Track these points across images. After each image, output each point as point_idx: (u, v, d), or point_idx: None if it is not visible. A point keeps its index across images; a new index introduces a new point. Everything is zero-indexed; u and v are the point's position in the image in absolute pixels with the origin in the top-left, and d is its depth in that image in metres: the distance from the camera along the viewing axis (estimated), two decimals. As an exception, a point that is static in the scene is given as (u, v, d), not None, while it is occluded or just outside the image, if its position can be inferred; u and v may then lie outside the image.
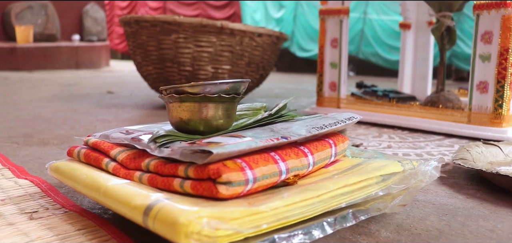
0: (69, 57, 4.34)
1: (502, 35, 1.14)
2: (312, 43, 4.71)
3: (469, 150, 0.88)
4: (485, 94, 1.18)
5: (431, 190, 0.74)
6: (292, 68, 4.85)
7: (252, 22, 5.53)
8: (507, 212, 0.64)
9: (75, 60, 4.38)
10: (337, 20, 1.50)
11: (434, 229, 0.57)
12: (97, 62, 4.61)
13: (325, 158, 0.60)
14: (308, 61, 4.76)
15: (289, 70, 4.71)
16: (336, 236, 0.54)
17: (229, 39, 1.53)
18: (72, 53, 4.38)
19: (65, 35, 4.92)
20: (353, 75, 4.19)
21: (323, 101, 1.55)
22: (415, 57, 1.85)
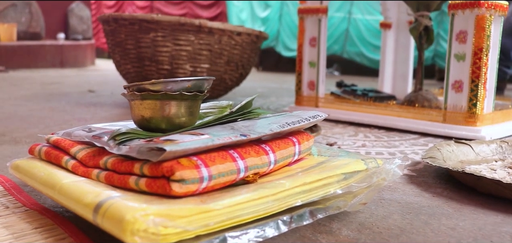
0: (54, 56, 4.32)
1: (476, 34, 1.14)
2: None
3: (440, 149, 0.88)
4: (460, 94, 1.18)
5: (398, 189, 0.74)
6: (278, 68, 4.84)
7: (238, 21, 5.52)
8: (471, 210, 0.64)
9: (59, 59, 4.35)
10: (316, 19, 1.50)
11: (396, 228, 0.57)
12: (82, 61, 4.58)
13: (288, 156, 0.60)
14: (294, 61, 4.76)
15: (274, 69, 4.71)
16: (296, 234, 0.54)
17: (207, 38, 1.52)
18: (56, 52, 4.35)
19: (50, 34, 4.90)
20: (338, 75, 4.20)
21: (302, 100, 1.55)
22: (396, 57, 1.85)
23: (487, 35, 1.13)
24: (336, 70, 4.35)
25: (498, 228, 0.58)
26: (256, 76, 3.85)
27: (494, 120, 1.21)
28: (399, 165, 0.62)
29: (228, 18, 5.79)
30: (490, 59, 1.17)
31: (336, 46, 4.18)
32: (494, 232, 0.56)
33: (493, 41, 1.17)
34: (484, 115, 1.17)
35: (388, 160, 0.63)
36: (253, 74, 4.15)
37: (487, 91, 1.17)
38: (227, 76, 1.62)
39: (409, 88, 1.80)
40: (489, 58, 1.15)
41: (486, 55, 1.14)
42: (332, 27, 4.28)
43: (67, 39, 4.92)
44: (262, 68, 4.88)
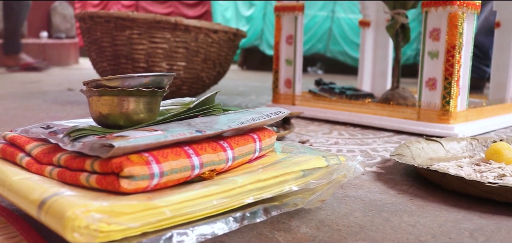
0: (36, 54, 4.27)
1: (449, 32, 1.14)
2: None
3: (409, 146, 0.88)
4: (433, 91, 1.18)
5: (364, 186, 0.73)
6: (262, 67, 4.83)
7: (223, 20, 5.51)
8: (434, 207, 0.64)
9: (42, 57, 4.31)
10: (292, 17, 1.49)
11: (355, 225, 0.56)
12: (65, 60, 4.55)
13: (247, 152, 0.59)
14: (278, 60, 4.77)
15: (259, 68, 4.70)
16: (253, 232, 0.53)
17: (184, 36, 1.51)
18: (39, 50, 4.31)
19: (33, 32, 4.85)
20: (322, 74, 4.20)
21: (279, 98, 1.54)
22: (375, 55, 1.85)
23: (460, 33, 1.13)
24: (320, 69, 4.36)
25: (458, 224, 0.57)
26: (239, 75, 3.85)
27: (468, 118, 1.21)
28: (360, 161, 0.61)
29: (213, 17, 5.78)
30: (463, 57, 1.16)
31: (319, 45, 4.19)
32: (454, 228, 0.56)
33: (466, 39, 1.16)
34: (458, 113, 1.17)
35: (350, 157, 0.63)
36: (237, 73, 4.15)
37: (460, 89, 1.17)
38: (204, 74, 1.61)
39: (388, 87, 1.80)
40: (462, 56, 1.15)
41: (459, 53, 1.14)
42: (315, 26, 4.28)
43: (50, 38, 4.87)
44: (247, 67, 4.87)
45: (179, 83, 1.57)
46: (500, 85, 1.58)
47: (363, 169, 0.61)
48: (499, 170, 0.73)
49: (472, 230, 0.55)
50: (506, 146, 0.77)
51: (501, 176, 0.71)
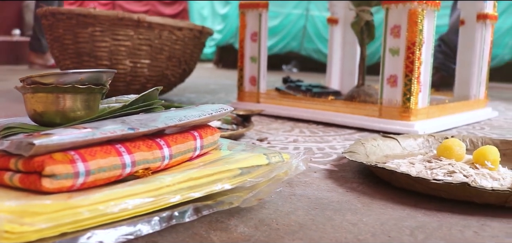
0: (8, 52, 4.22)
1: (409, 29, 1.14)
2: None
3: (364, 144, 0.87)
4: (394, 88, 1.18)
5: (313, 184, 0.72)
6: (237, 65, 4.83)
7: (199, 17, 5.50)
8: (380, 205, 0.63)
9: (14, 55, 4.25)
10: (256, 14, 1.48)
11: (296, 224, 0.55)
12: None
13: (187, 150, 0.58)
14: (253, 58, 4.75)
15: (234, 66, 4.67)
16: (189, 231, 0.52)
17: (147, 33, 1.49)
18: (10, 48, 4.25)
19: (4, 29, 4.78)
20: (296, 72, 4.19)
21: (244, 96, 1.53)
22: (343, 53, 1.85)
23: (420, 30, 1.13)
24: (295, 67, 4.35)
25: (401, 222, 0.57)
26: (213, 73, 3.83)
27: (429, 115, 1.21)
28: (303, 159, 0.60)
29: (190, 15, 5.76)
30: (424, 53, 1.16)
31: (293, 43, 4.19)
32: (395, 226, 0.55)
33: (427, 35, 1.16)
34: (418, 110, 1.17)
35: (294, 154, 0.62)
36: (211, 71, 4.13)
37: (421, 86, 1.17)
38: (169, 72, 1.59)
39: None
40: (422, 53, 1.15)
41: (419, 50, 1.14)
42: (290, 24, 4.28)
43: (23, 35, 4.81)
44: (222, 65, 4.86)
45: (144, 81, 1.56)
46: (464, 82, 1.58)
47: (305, 166, 0.60)
48: (449, 167, 0.72)
49: (414, 228, 0.55)
50: (457, 142, 0.76)
51: (450, 172, 0.71)
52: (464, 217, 0.59)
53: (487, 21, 1.53)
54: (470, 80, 1.56)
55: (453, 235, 0.53)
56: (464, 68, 1.58)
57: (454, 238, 0.52)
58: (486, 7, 1.52)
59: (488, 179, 0.69)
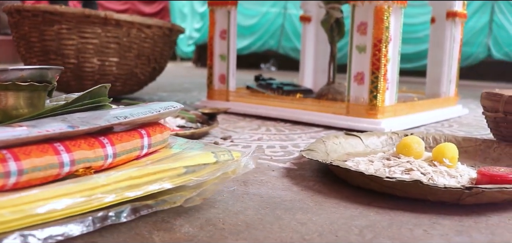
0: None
1: (376, 26, 1.13)
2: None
3: (325, 142, 0.86)
4: (361, 86, 1.17)
5: (269, 182, 0.71)
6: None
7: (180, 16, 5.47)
8: (333, 204, 0.62)
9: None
10: (225, 11, 1.47)
11: (243, 224, 0.54)
12: (13, 56, 4.43)
13: (132, 149, 0.56)
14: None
15: (212, 65, 4.66)
16: (132, 232, 0.50)
17: (115, 31, 1.47)
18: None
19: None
20: (275, 70, 4.19)
21: (213, 94, 1.51)
22: (316, 51, 1.84)
23: (386, 27, 1.12)
24: (273, 66, 4.34)
25: (351, 221, 0.55)
26: (191, 72, 3.81)
27: (397, 113, 1.21)
28: (253, 156, 0.59)
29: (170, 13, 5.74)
30: (391, 51, 1.16)
31: (271, 41, 4.18)
32: (345, 225, 0.54)
33: (393, 33, 1.16)
34: (385, 108, 1.16)
35: (244, 153, 0.61)
36: (189, 70, 4.11)
37: (388, 83, 1.17)
38: (138, 70, 1.57)
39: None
40: (389, 50, 1.14)
41: (385, 47, 1.13)
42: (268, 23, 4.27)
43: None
44: (201, 64, 4.84)
45: (112, 80, 1.53)
46: (435, 80, 1.58)
47: (254, 164, 0.58)
48: (407, 164, 0.71)
49: (363, 227, 0.54)
50: (415, 140, 0.75)
51: (408, 170, 0.70)
52: (417, 215, 0.58)
53: (457, 19, 1.53)
54: (440, 78, 1.56)
55: (402, 234, 0.52)
56: (435, 66, 1.58)
57: (402, 237, 0.51)
58: (455, 5, 1.52)
59: (445, 176, 0.69)
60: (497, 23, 3.73)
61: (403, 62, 3.89)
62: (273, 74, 3.59)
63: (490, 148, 0.87)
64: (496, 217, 0.59)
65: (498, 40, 3.72)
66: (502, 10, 3.70)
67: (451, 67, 1.57)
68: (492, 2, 3.75)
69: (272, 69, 4.27)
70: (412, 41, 3.78)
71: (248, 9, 4.55)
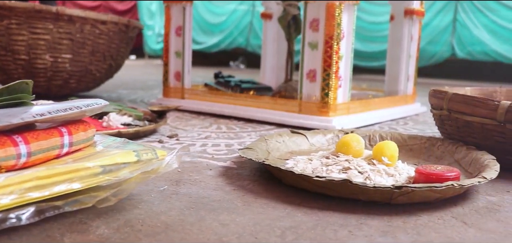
0: None
1: (327, 22, 1.12)
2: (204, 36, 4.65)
3: (267, 140, 0.84)
4: (313, 83, 1.15)
5: (202, 182, 0.69)
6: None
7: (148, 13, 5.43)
8: (263, 204, 0.60)
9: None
10: (181, 8, 1.44)
11: (162, 225, 0.52)
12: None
13: (50, 147, 0.53)
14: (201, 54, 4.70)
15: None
16: (43, 234, 0.48)
17: (68, 26, 1.43)
18: None
19: None
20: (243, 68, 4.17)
21: (169, 92, 1.49)
22: (277, 48, 1.82)
23: (338, 23, 1.11)
24: (242, 63, 4.33)
25: (276, 222, 0.54)
26: (159, 70, 3.77)
27: (350, 110, 1.20)
28: (177, 156, 0.57)
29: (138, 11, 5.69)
30: (344, 48, 1.15)
31: (240, 39, 4.16)
32: (268, 226, 0.52)
33: (346, 29, 1.15)
34: (337, 105, 1.15)
35: (171, 151, 0.59)
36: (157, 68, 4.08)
37: (341, 81, 1.15)
38: (93, 67, 1.54)
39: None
40: (341, 47, 1.13)
41: (337, 44, 1.12)
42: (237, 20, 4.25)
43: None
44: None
45: (66, 77, 1.50)
46: (393, 78, 1.58)
47: (177, 164, 0.56)
48: (345, 163, 0.70)
49: (287, 228, 0.52)
50: (355, 138, 0.74)
51: (345, 169, 0.69)
52: (346, 215, 0.57)
53: (414, 17, 1.53)
54: (398, 76, 1.56)
55: (326, 235, 0.51)
56: (393, 64, 1.58)
57: (325, 238, 0.50)
58: (413, 3, 1.52)
59: (383, 175, 0.67)
60: (461, 22, 3.76)
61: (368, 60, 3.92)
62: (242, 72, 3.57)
63: (434, 146, 0.87)
64: (427, 216, 0.57)
65: (461, 39, 3.75)
66: (465, 9, 3.73)
67: (409, 65, 1.56)
68: (455, 2, 3.79)
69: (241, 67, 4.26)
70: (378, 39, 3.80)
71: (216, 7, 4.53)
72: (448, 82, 3.44)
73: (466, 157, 0.79)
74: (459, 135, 0.86)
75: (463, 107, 0.82)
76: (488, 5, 3.66)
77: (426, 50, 3.72)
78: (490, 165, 0.70)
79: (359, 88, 1.86)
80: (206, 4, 4.63)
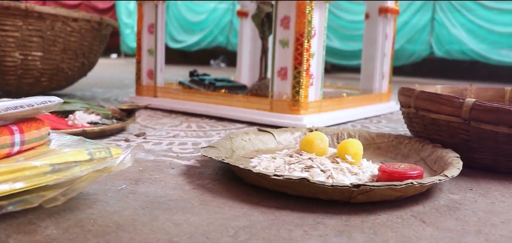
0: None
1: (298, 20, 1.11)
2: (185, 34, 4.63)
3: (232, 138, 0.83)
4: (285, 81, 1.15)
5: (163, 181, 0.68)
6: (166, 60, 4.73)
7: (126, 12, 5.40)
8: (219, 203, 0.59)
9: None
10: (153, 5, 1.43)
11: (114, 225, 0.50)
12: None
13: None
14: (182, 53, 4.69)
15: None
16: (-14, 237, 0.46)
17: (38, 24, 1.41)
18: None
19: None
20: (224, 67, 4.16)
21: (142, 90, 1.47)
22: (254, 46, 1.81)
23: (308, 21, 1.10)
24: (222, 62, 4.31)
25: (230, 222, 0.53)
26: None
27: (322, 109, 1.19)
28: (132, 154, 0.56)
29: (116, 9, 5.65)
30: (316, 46, 1.14)
31: (220, 38, 4.15)
32: (221, 226, 0.51)
33: (318, 27, 1.14)
34: (309, 103, 1.14)
35: (126, 150, 0.57)
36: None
37: (312, 79, 1.15)
38: (65, 65, 1.52)
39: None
40: (312, 45, 1.12)
41: (308, 41, 1.11)
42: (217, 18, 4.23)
43: None
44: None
45: (38, 75, 1.48)
46: (368, 76, 1.57)
47: (131, 162, 0.55)
48: (309, 161, 0.69)
49: (241, 228, 0.51)
50: (319, 136, 0.73)
51: (308, 167, 0.68)
52: (303, 215, 0.56)
53: (389, 15, 1.53)
54: (373, 74, 1.56)
55: (280, 235, 0.50)
56: (368, 62, 1.58)
57: (278, 238, 0.49)
58: (387, 1, 1.51)
59: (346, 173, 0.67)
60: (439, 21, 3.78)
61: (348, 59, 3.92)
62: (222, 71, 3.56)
63: (402, 144, 0.86)
64: (386, 215, 0.57)
65: (439, 38, 3.77)
66: (443, 8, 3.75)
67: (384, 63, 1.56)
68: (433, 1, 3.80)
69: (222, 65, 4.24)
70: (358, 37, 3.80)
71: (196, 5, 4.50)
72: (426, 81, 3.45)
73: (431, 155, 0.78)
74: (426, 133, 0.86)
75: (429, 105, 0.82)
76: (466, 5, 3.68)
77: (404, 49, 3.74)
78: (453, 163, 0.69)
79: (335, 86, 1.86)
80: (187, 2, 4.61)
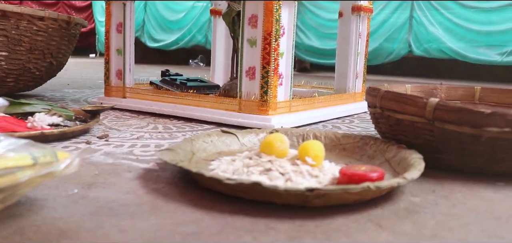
0: None
1: (265, 18, 1.09)
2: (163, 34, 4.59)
3: (193, 140, 0.81)
4: (253, 81, 1.13)
5: (117, 185, 0.66)
6: (145, 59, 4.71)
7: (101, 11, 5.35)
8: (171, 208, 0.57)
9: None
10: (121, 4, 1.40)
11: (57, 232, 0.48)
12: None
13: None
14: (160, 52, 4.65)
15: (141, 61, 4.56)
16: None
17: (1, 22, 1.38)
18: None
19: None
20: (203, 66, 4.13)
21: (111, 91, 1.45)
22: (227, 45, 1.79)
23: (276, 19, 1.09)
24: (201, 61, 4.29)
25: (178, 228, 0.51)
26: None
27: (291, 109, 1.17)
28: (79, 159, 0.54)
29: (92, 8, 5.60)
30: (284, 44, 1.12)
31: (199, 37, 4.12)
32: (169, 233, 0.49)
33: (287, 26, 1.12)
34: (277, 104, 1.13)
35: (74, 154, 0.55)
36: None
37: (281, 78, 1.13)
38: (32, 65, 1.49)
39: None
40: (281, 44, 1.11)
41: (276, 40, 1.09)
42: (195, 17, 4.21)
43: None
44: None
45: (3, 75, 1.44)
46: (342, 75, 1.56)
47: (75, 168, 0.53)
48: (268, 164, 0.67)
49: (189, 234, 0.49)
50: (279, 137, 0.71)
51: (267, 170, 0.66)
52: (256, 220, 0.54)
53: (362, 14, 1.52)
54: (346, 74, 1.55)
55: (229, 241, 0.48)
56: (342, 61, 1.56)
57: (226, 244, 0.47)
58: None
59: (305, 176, 0.65)
60: (417, 19, 3.78)
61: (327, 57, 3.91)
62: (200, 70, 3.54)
63: (367, 145, 0.85)
64: (342, 219, 0.55)
65: (418, 37, 3.77)
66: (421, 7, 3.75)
67: (357, 62, 1.55)
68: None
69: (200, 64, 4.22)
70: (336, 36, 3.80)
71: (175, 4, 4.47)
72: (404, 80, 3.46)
73: (396, 156, 0.77)
74: (392, 133, 0.85)
75: (394, 105, 0.81)
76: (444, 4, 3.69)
77: (383, 47, 3.74)
78: (415, 164, 0.68)
79: (310, 86, 1.85)
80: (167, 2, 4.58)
